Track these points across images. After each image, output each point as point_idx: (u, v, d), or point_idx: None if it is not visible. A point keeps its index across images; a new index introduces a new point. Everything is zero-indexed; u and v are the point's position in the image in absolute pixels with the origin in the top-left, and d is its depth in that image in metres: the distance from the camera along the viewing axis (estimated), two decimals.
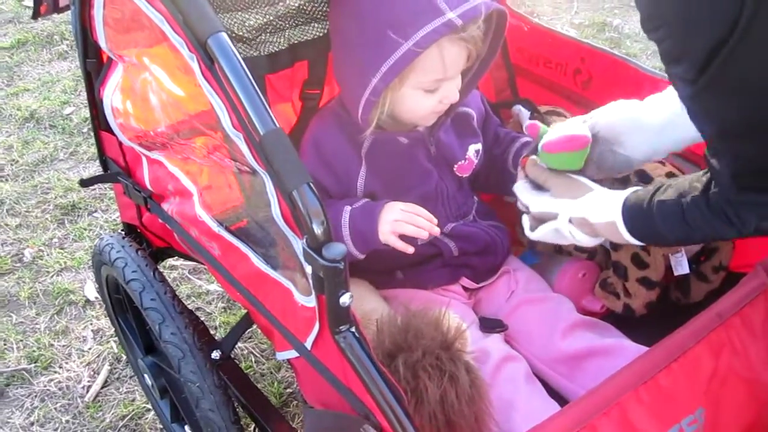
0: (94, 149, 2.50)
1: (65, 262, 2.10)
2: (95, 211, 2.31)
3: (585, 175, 1.19)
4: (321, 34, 1.38)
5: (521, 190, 1.21)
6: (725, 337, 1.08)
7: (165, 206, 1.32)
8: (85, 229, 2.23)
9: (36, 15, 1.33)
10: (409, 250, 1.23)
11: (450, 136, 1.39)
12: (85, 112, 2.80)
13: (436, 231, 1.23)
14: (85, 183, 1.45)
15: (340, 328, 0.87)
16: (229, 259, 1.15)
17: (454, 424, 1.06)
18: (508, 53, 1.71)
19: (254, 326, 1.41)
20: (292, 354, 1.12)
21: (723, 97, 0.78)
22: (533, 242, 1.42)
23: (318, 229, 0.81)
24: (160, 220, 1.37)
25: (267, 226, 0.95)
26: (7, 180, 2.46)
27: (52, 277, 2.06)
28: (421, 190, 1.35)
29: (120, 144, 1.39)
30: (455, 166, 1.39)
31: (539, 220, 1.18)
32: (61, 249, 2.16)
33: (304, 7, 1.35)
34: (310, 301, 0.93)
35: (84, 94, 2.74)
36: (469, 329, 1.17)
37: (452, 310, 1.16)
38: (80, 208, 2.32)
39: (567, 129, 1.14)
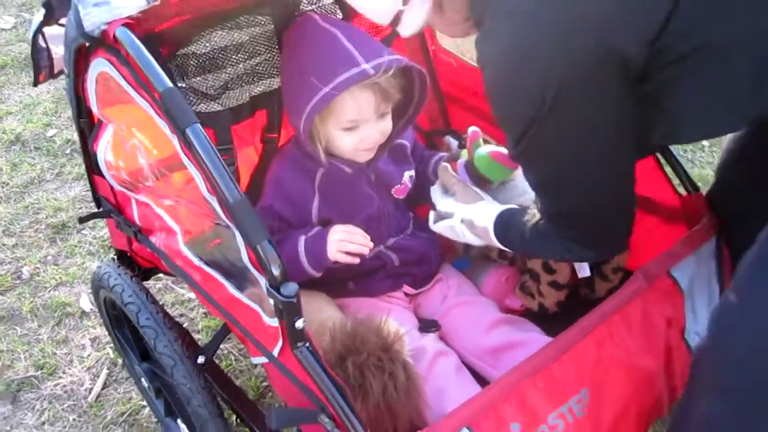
0: (78, 170, 2.76)
1: (60, 278, 2.35)
2: (83, 229, 2.55)
3: (496, 195, 1.50)
4: (276, 87, 1.64)
5: (434, 191, 1.57)
6: (607, 332, 1.35)
7: (152, 239, 1.58)
8: (75, 246, 2.47)
9: (36, 83, 1.57)
10: (355, 261, 1.51)
11: (387, 164, 1.66)
12: (67, 134, 3.03)
13: (369, 246, 1.51)
14: (82, 220, 1.70)
15: (298, 344, 1.14)
16: (208, 285, 1.41)
17: (395, 411, 1.33)
18: (440, 87, 1.98)
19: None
20: (263, 359, 1.39)
21: (529, 163, 1.14)
22: (467, 249, 1.72)
23: (276, 272, 1.08)
24: (148, 249, 1.63)
25: (238, 264, 1.21)
26: (0, 201, 2.68)
27: (49, 291, 2.30)
28: (366, 212, 1.62)
29: (111, 187, 1.63)
30: (393, 189, 1.66)
31: (441, 217, 1.49)
32: (56, 265, 2.40)
33: (261, 66, 1.61)
34: (275, 322, 1.20)
35: (64, 116, 2.99)
36: (409, 331, 1.45)
37: (393, 317, 1.43)
38: (70, 227, 2.56)
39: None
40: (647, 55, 0.99)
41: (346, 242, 1.50)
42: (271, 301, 1.13)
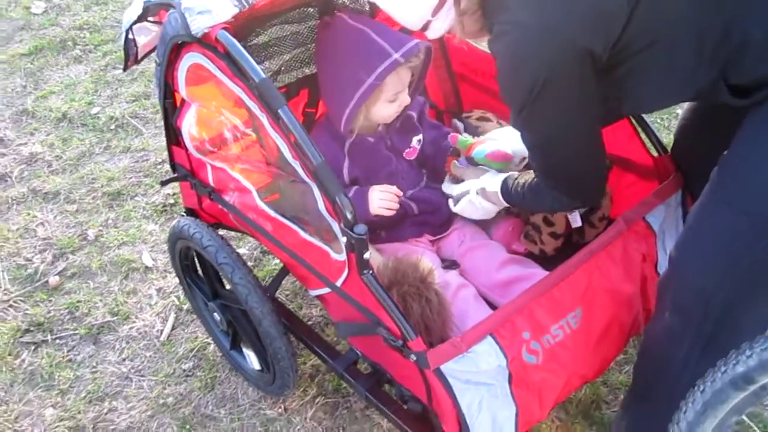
0: (123, 143, 3.11)
1: (122, 239, 2.69)
2: (136, 196, 2.90)
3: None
4: (314, 72, 1.99)
5: (446, 184, 1.96)
6: (595, 264, 1.72)
7: (225, 197, 1.93)
8: (131, 211, 2.82)
9: (126, 67, 1.90)
10: (391, 213, 1.88)
11: (399, 133, 2.02)
12: (110, 111, 3.36)
13: (400, 194, 1.90)
14: (164, 183, 2.06)
15: (364, 271, 1.50)
16: (280, 232, 1.77)
17: (430, 327, 1.70)
18: (452, 69, 2.34)
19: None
20: (323, 291, 1.76)
21: (526, 129, 1.51)
22: None
23: (350, 216, 1.44)
24: (219, 207, 1.98)
25: (312, 213, 1.57)
26: (57, 173, 3.02)
27: (114, 250, 2.65)
28: (386, 170, 1.99)
29: (188, 155, 1.98)
30: (404, 152, 2.03)
31: (458, 201, 1.87)
32: (116, 228, 2.75)
33: (306, 53, 1.98)
34: (342, 257, 1.56)
35: (104, 94, 3.32)
36: (436, 269, 1.82)
37: (424, 257, 1.81)
38: (124, 194, 2.90)
39: (499, 146, 1.80)
40: (610, 53, 1.36)
41: (384, 200, 1.86)
42: (343, 240, 1.49)
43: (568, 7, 1.33)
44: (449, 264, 1.97)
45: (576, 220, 1.98)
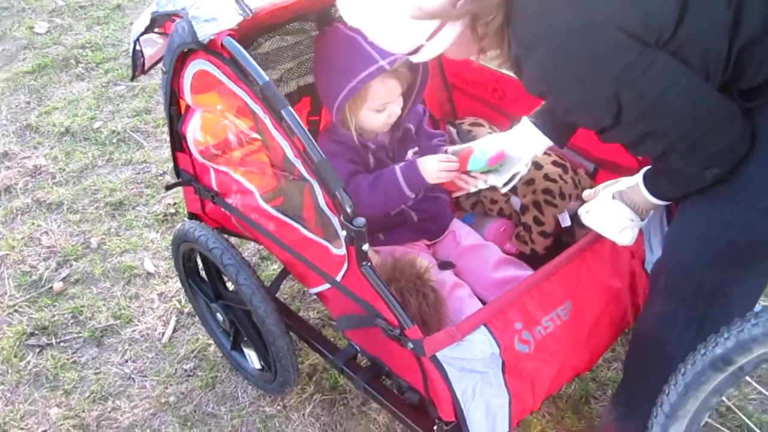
0: (126, 156, 3.19)
1: (124, 246, 2.76)
2: (137, 206, 2.97)
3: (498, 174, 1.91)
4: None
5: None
6: (584, 260, 1.79)
7: (228, 200, 2.01)
8: (133, 220, 2.89)
9: (134, 77, 1.99)
10: (451, 177, 1.88)
11: (399, 143, 2.09)
12: (112, 126, 3.44)
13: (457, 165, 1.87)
14: (169, 188, 2.13)
15: (363, 263, 1.57)
16: (281, 231, 1.85)
17: (427, 322, 1.77)
18: (447, 79, 2.43)
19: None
20: (323, 287, 1.83)
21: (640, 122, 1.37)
22: (472, 207, 2.17)
23: (349, 210, 1.51)
24: (222, 210, 2.06)
25: (313, 210, 1.65)
26: (61, 185, 3.09)
27: (116, 257, 2.72)
28: None
29: (192, 160, 2.06)
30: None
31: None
32: (118, 236, 2.82)
33: (306, 63, 2.06)
34: (341, 252, 1.63)
35: (106, 110, 3.41)
36: (432, 268, 1.90)
37: (420, 256, 1.89)
38: (126, 204, 2.97)
39: (494, 148, 1.85)
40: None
41: (444, 171, 1.87)
42: (343, 233, 1.57)
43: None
44: (445, 265, 2.04)
45: (565, 219, 2.07)
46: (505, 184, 1.83)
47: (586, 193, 1.76)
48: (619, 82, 1.28)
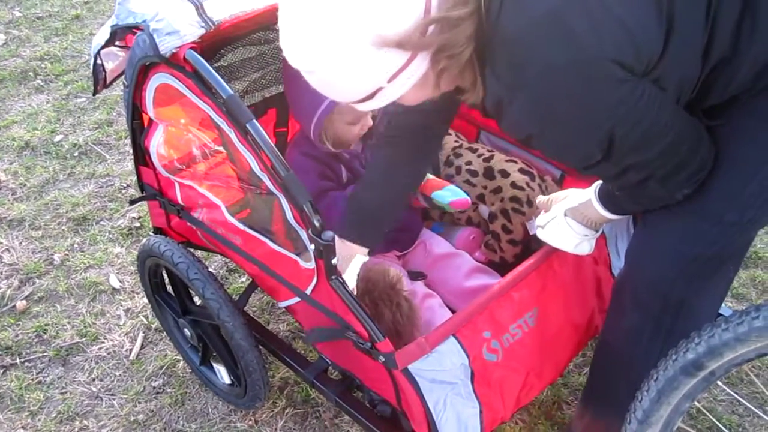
0: (87, 170, 3.13)
1: (88, 262, 2.71)
2: (101, 220, 2.92)
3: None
4: (280, 91, 2.07)
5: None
6: (549, 268, 1.80)
7: (194, 214, 1.98)
8: (97, 235, 2.84)
9: (95, 92, 1.95)
10: None
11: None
12: (73, 139, 3.38)
13: None
14: (132, 202, 2.10)
15: (332, 277, 1.56)
16: (249, 245, 1.83)
17: (400, 332, 1.77)
18: None
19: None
20: (293, 301, 1.81)
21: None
22: (441, 216, 2.18)
23: (317, 223, 1.50)
24: (188, 224, 2.03)
25: (281, 224, 1.63)
26: (22, 200, 3.03)
27: (80, 273, 2.67)
28: None
29: (156, 174, 2.03)
30: None
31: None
32: (82, 252, 2.77)
33: (270, 73, 2.05)
34: (311, 265, 1.62)
35: (67, 123, 3.35)
36: (403, 278, 1.89)
37: (392, 267, 1.88)
38: (89, 219, 2.92)
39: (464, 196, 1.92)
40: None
41: None
42: (312, 247, 1.56)
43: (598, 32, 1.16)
44: (416, 275, 2.04)
45: (533, 227, 2.08)
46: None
47: (539, 200, 1.77)
48: (616, 117, 1.22)
